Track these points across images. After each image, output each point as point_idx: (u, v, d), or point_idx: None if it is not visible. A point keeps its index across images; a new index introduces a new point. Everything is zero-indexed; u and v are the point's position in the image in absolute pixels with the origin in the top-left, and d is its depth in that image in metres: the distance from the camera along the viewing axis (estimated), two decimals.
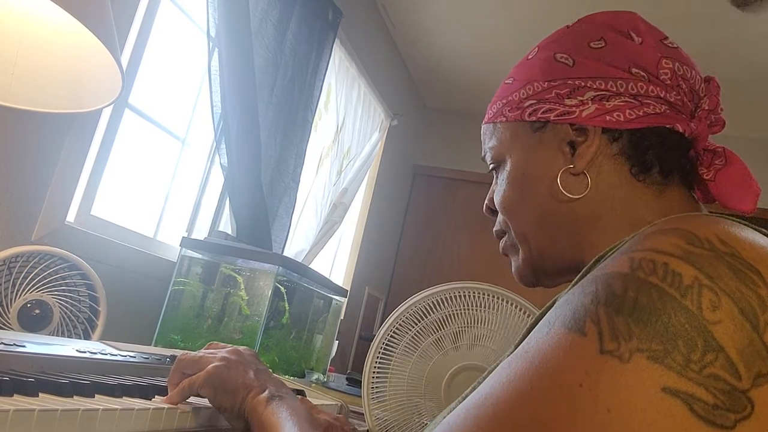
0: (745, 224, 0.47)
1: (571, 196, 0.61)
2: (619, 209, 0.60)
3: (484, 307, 1.11)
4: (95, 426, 0.56)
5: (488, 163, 0.71)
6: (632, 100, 0.60)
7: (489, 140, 0.70)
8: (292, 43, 2.05)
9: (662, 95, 0.60)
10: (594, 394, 0.38)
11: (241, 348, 0.79)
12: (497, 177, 0.70)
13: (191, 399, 0.73)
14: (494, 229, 0.72)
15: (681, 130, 0.59)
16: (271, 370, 0.79)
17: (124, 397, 0.66)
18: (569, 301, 0.44)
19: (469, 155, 3.63)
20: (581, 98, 0.61)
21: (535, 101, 0.64)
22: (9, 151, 1.23)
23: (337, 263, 3.05)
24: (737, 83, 2.92)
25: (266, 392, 0.70)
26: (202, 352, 0.76)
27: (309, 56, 2.17)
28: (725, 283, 0.40)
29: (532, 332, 0.46)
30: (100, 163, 1.51)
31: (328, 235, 2.57)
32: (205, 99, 1.81)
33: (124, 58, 1.54)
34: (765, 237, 0.46)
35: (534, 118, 0.64)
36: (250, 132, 1.81)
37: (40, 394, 0.57)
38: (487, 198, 0.73)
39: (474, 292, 1.12)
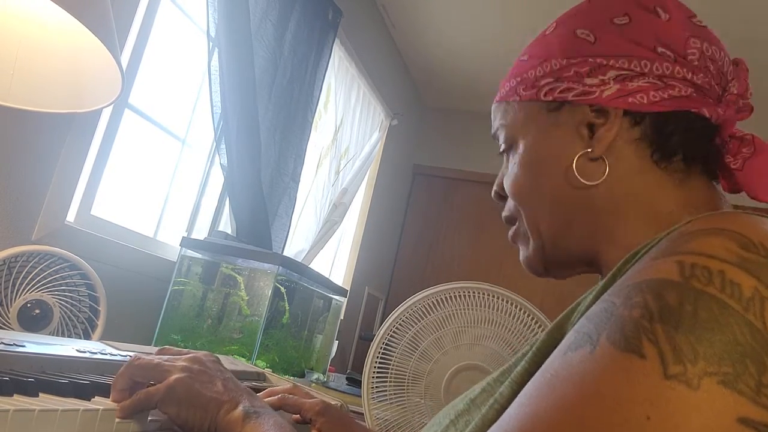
0: None
1: (587, 182, 0.57)
2: (638, 198, 0.56)
3: (484, 306, 1.11)
4: (95, 426, 0.56)
5: (499, 143, 0.66)
6: (657, 81, 0.55)
7: (499, 120, 0.65)
8: (292, 43, 2.05)
9: (689, 77, 0.56)
10: (664, 428, 0.33)
11: (201, 354, 0.70)
12: (508, 160, 0.65)
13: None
14: (504, 214, 0.67)
15: (707, 115, 0.55)
16: (264, 372, 0.76)
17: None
18: (609, 312, 0.39)
19: (469, 155, 3.63)
20: (602, 77, 0.57)
21: (552, 79, 0.59)
22: (9, 151, 1.23)
23: (337, 263, 3.05)
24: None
25: (240, 407, 0.63)
26: (158, 359, 0.66)
27: (309, 56, 2.17)
28: None
29: (561, 347, 0.41)
30: (100, 163, 1.51)
31: (328, 235, 2.57)
32: (205, 99, 1.81)
33: (124, 58, 1.54)
34: None
35: (550, 98, 0.59)
36: (249, 132, 1.81)
37: (40, 394, 0.57)
38: (496, 182, 0.68)
39: (474, 292, 1.12)
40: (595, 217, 0.58)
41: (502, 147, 0.66)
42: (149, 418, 0.65)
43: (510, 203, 0.65)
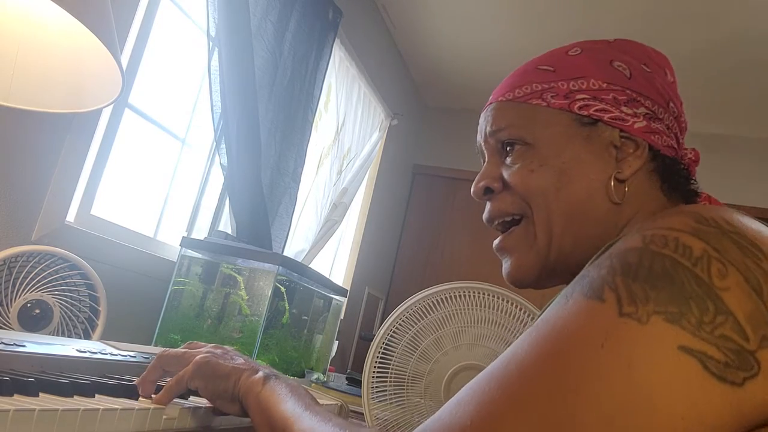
0: (743, 214, 0.50)
1: (618, 201, 0.63)
2: (645, 219, 0.62)
3: (484, 306, 1.11)
4: (95, 426, 0.56)
5: (502, 140, 0.67)
6: (666, 129, 0.65)
7: (512, 118, 0.67)
8: (292, 43, 2.05)
9: (679, 135, 0.67)
10: (616, 353, 0.40)
11: (224, 346, 0.78)
12: (509, 156, 0.67)
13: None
14: (495, 210, 0.68)
15: (686, 168, 0.66)
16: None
17: (124, 397, 0.66)
18: (585, 275, 0.47)
19: (469, 155, 3.62)
20: (636, 110, 0.64)
21: (588, 97, 0.64)
22: (9, 151, 1.23)
23: (337, 263, 3.05)
24: (738, 83, 2.92)
25: (260, 373, 0.69)
26: (183, 349, 0.74)
27: (309, 56, 2.17)
28: (731, 256, 0.43)
29: (548, 308, 0.48)
30: (100, 162, 1.51)
31: (328, 234, 2.57)
32: (205, 99, 1.81)
33: (124, 58, 1.54)
34: (762, 224, 0.49)
35: (585, 113, 0.64)
36: (250, 132, 1.81)
37: (40, 394, 0.57)
38: (484, 177, 0.69)
39: (474, 292, 1.12)
40: (605, 230, 0.63)
41: (507, 142, 0.67)
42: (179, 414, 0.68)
43: (512, 198, 0.66)
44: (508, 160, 0.67)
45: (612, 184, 0.63)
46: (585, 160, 0.64)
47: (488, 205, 0.69)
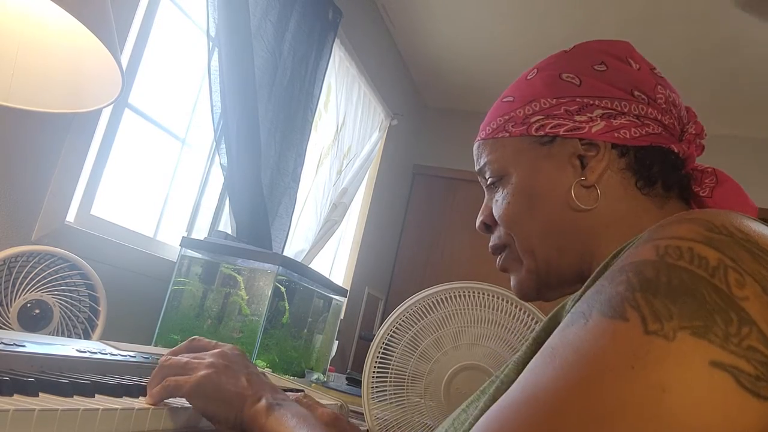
0: (749, 217, 0.49)
1: (585, 207, 0.63)
2: (625, 219, 0.63)
3: (484, 306, 1.11)
4: (95, 426, 0.56)
5: (486, 177, 0.72)
6: (635, 120, 0.64)
7: (487, 156, 0.71)
8: (292, 43, 2.05)
9: (659, 118, 0.65)
10: (646, 374, 0.38)
11: (227, 348, 0.75)
12: (496, 192, 0.71)
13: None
14: (492, 244, 0.73)
15: (676, 150, 0.64)
16: (264, 372, 0.77)
17: (124, 397, 0.66)
18: (600, 291, 0.45)
19: (469, 155, 3.61)
20: (590, 115, 0.65)
21: (542, 116, 0.66)
22: (9, 151, 1.23)
23: (337, 263, 3.04)
24: (738, 83, 2.92)
25: (263, 401, 0.67)
26: (186, 357, 0.72)
27: (309, 56, 2.17)
28: (747, 265, 0.42)
29: (559, 328, 0.46)
30: (100, 162, 1.51)
31: (328, 234, 2.57)
32: (205, 99, 1.81)
33: (124, 58, 1.54)
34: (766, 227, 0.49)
35: (542, 132, 0.66)
36: (250, 132, 1.81)
37: (40, 394, 0.57)
38: (481, 214, 0.73)
39: (474, 292, 1.12)
40: (586, 237, 0.64)
41: (489, 181, 0.71)
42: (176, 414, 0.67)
43: (500, 231, 0.71)
44: (495, 194, 0.71)
45: (573, 192, 0.64)
46: (551, 177, 0.66)
47: (490, 239, 0.74)
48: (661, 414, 0.37)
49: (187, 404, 0.70)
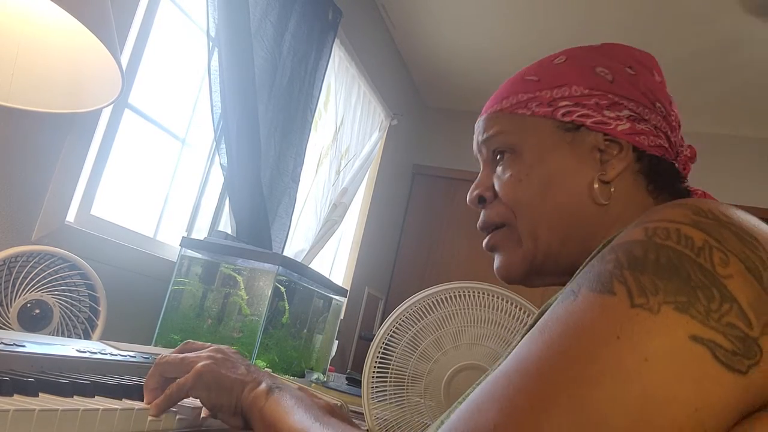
0: (735, 206, 0.51)
1: (604, 202, 0.64)
2: (633, 219, 0.65)
3: (484, 306, 1.11)
4: (95, 426, 0.56)
5: (493, 150, 0.70)
6: (653, 129, 0.66)
7: (501, 128, 0.70)
8: (292, 43, 2.05)
9: (668, 134, 0.67)
10: (631, 344, 0.41)
11: (222, 346, 0.75)
12: (499, 166, 0.70)
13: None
14: (486, 220, 0.71)
15: (677, 167, 0.68)
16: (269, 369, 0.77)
17: (124, 398, 0.66)
18: (590, 270, 0.47)
19: (469, 155, 3.61)
20: (618, 113, 0.65)
21: (570, 103, 0.66)
22: (9, 151, 1.23)
23: (337, 263, 3.04)
24: (738, 83, 2.92)
25: (263, 384, 0.68)
26: (183, 354, 0.72)
27: (308, 56, 2.17)
28: (731, 246, 0.45)
29: (552, 305, 0.48)
30: (100, 162, 1.51)
31: (328, 234, 2.57)
32: (205, 99, 1.81)
33: (124, 58, 1.54)
34: (756, 218, 0.51)
35: (568, 119, 0.66)
36: (249, 132, 1.81)
37: (40, 394, 0.57)
38: (477, 188, 0.72)
39: (474, 292, 1.12)
40: (590, 232, 0.65)
41: (497, 154, 0.70)
42: (177, 417, 0.68)
43: (499, 208, 0.69)
44: (499, 169, 0.70)
45: (596, 186, 0.64)
46: (570, 165, 0.66)
47: (481, 215, 0.72)
48: (641, 381, 0.40)
49: (187, 405, 0.70)
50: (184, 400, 0.69)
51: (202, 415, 0.71)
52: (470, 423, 0.43)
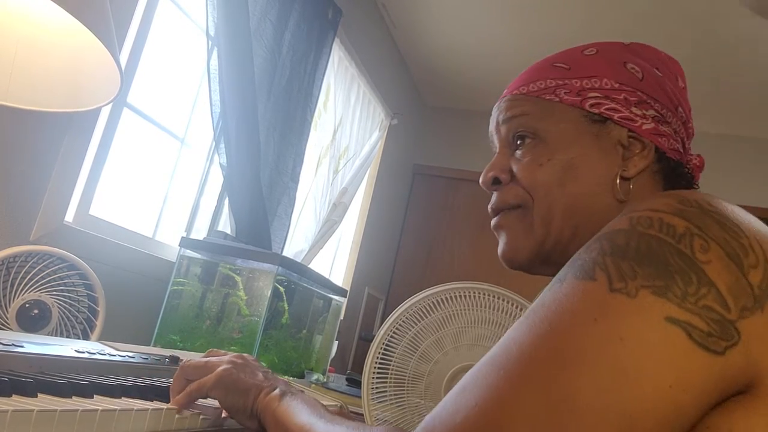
0: (722, 198, 0.52)
1: (622, 198, 0.64)
2: None
3: (484, 307, 1.11)
4: (94, 426, 0.56)
5: (515, 132, 0.69)
6: (673, 134, 0.67)
7: (525, 111, 0.69)
8: (291, 42, 2.05)
9: (685, 141, 0.68)
10: (607, 326, 0.43)
11: (245, 354, 0.79)
12: (519, 149, 0.69)
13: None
14: (500, 200, 0.70)
15: (688, 174, 0.69)
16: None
17: (123, 398, 0.66)
18: (576, 260, 0.49)
19: (469, 155, 3.62)
20: (645, 112, 0.66)
21: (599, 95, 0.66)
22: (7, 150, 1.22)
23: (337, 263, 3.04)
24: (738, 83, 2.92)
25: (277, 390, 0.71)
26: (206, 359, 0.76)
27: (308, 55, 2.17)
28: (713, 233, 0.46)
29: (541, 294, 0.50)
30: (99, 162, 1.51)
31: (328, 234, 2.56)
32: (205, 98, 1.81)
33: (123, 57, 1.53)
34: (743, 210, 0.52)
35: (596, 111, 0.66)
36: (249, 131, 1.80)
37: (38, 395, 0.56)
38: (493, 168, 0.70)
39: (474, 292, 1.12)
40: (602, 226, 0.64)
41: (517, 136, 0.69)
42: (201, 417, 0.73)
43: (518, 189, 0.68)
44: (518, 153, 0.69)
45: (618, 181, 0.64)
46: (592, 157, 0.65)
47: (494, 196, 0.71)
48: (615, 360, 0.42)
49: (209, 405, 0.73)
50: (207, 400, 0.74)
51: (223, 415, 0.75)
52: (455, 402, 0.46)
